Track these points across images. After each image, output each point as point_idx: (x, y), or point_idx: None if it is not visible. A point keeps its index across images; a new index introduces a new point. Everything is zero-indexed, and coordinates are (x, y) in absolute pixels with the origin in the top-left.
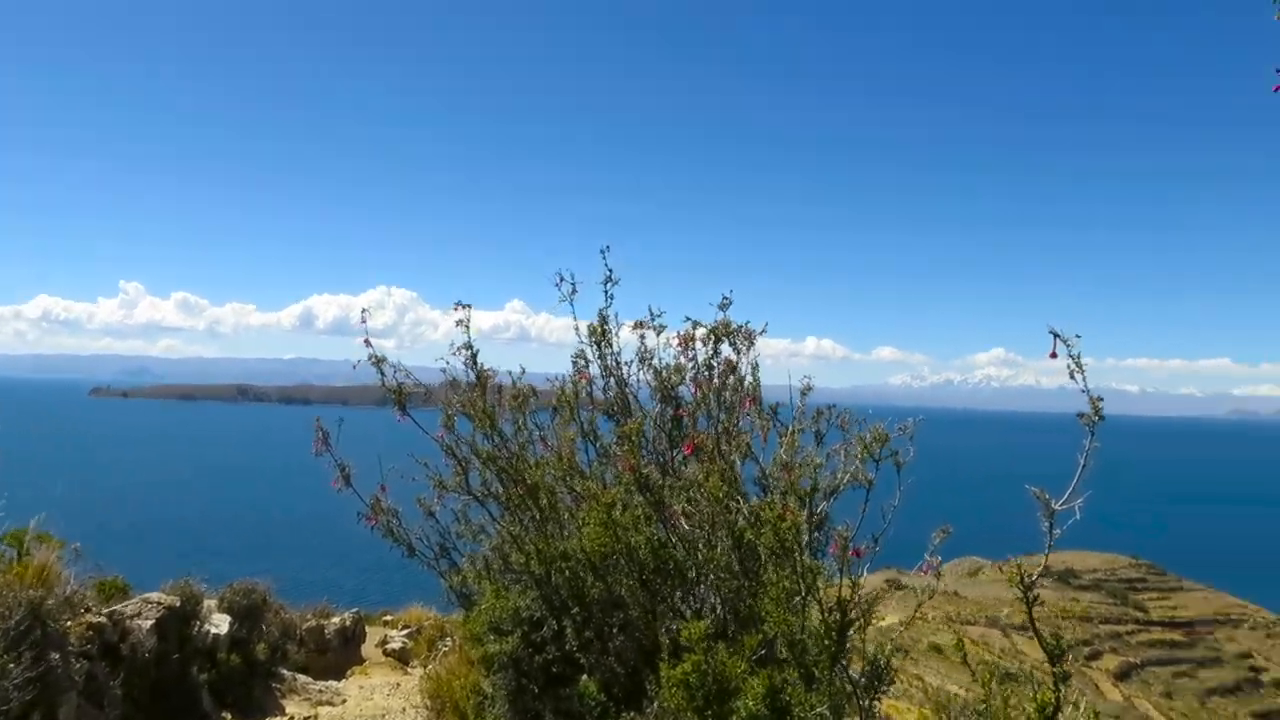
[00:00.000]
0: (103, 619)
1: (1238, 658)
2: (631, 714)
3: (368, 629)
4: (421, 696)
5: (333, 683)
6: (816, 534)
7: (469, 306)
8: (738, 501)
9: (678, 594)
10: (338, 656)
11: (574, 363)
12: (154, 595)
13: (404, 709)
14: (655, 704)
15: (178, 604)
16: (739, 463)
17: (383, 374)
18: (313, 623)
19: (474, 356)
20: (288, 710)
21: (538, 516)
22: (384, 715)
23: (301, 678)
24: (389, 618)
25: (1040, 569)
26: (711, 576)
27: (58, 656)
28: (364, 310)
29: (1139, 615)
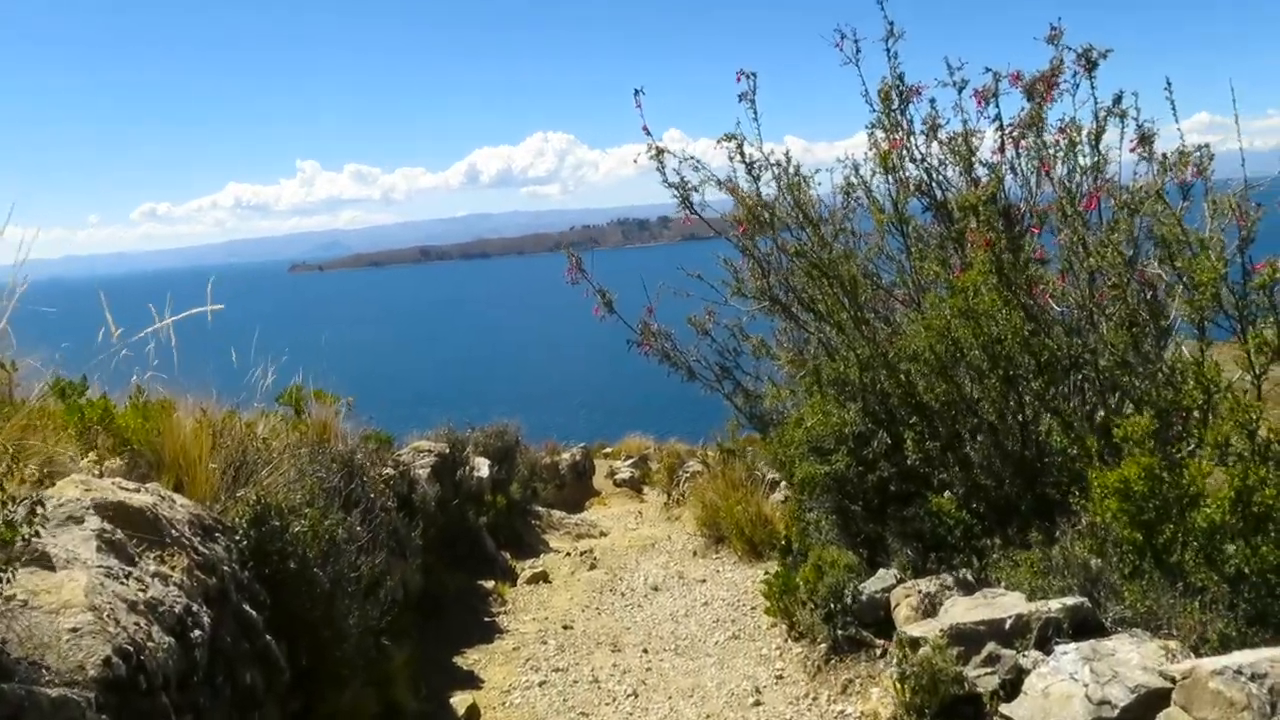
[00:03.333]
0: (391, 470)
1: None
2: (1060, 528)
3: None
4: (695, 525)
5: (585, 515)
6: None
7: (753, 75)
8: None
9: (1050, 390)
10: (573, 490)
11: (869, 134)
12: (423, 444)
13: (670, 536)
14: (1082, 519)
15: (447, 450)
16: (1135, 223)
17: (663, 165)
18: (547, 460)
19: (740, 146)
20: (553, 545)
21: (853, 317)
22: (653, 544)
23: (556, 513)
24: (608, 450)
25: None
26: (1095, 365)
27: (369, 513)
28: (637, 92)
29: None
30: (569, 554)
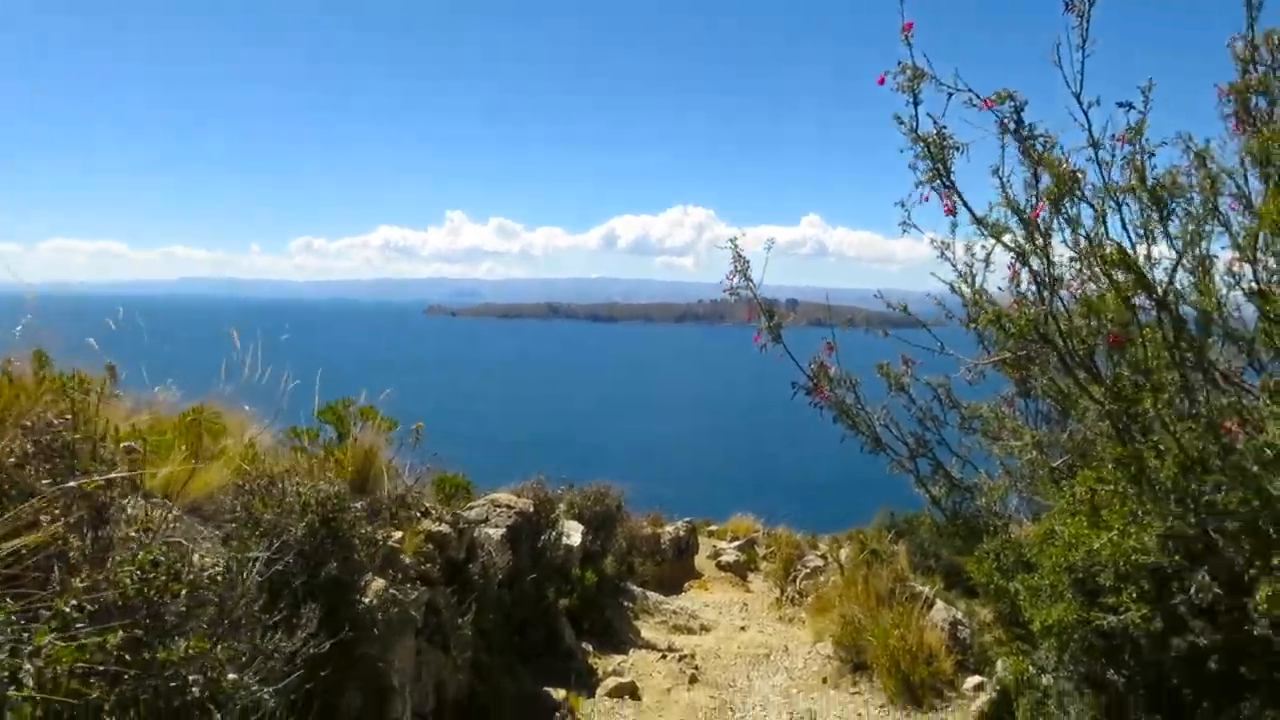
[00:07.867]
0: (445, 528)
1: None
2: None
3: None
4: (822, 638)
5: (684, 602)
6: None
7: None
8: None
9: None
10: (673, 568)
11: (1231, 98)
12: (502, 496)
13: (787, 646)
14: None
15: (530, 509)
16: None
17: (917, 100)
18: (648, 530)
19: (1019, 110)
20: (645, 636)
21: (1183, 381)
22: (768, 654)
23: (653, 595)
24: (713, 528)
25: None
26: None
27: (383, 586)
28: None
29: None
30: (664, 655)
